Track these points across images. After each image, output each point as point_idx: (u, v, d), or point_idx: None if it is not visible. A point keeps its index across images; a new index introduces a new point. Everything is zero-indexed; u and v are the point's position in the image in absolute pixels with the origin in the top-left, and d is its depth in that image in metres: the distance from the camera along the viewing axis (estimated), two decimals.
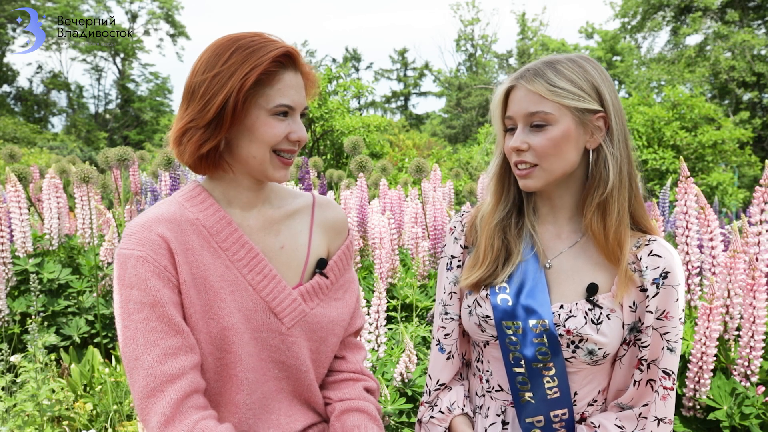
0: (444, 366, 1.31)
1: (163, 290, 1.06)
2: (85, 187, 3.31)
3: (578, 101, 1.13)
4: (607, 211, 1.15)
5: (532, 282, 1.19)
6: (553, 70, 1.14)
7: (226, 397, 1.14)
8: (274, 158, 1.13)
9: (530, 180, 1.16)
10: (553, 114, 1.13)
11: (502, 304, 1.19)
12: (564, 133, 1.13)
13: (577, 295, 1.17)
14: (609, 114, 1.16)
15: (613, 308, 1.15)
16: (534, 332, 1.15)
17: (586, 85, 1.15)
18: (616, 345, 1.15)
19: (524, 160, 1.16)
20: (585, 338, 1.13)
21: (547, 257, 1.22)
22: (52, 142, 19.61)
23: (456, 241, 1.32)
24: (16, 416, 2.07)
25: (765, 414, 1.73)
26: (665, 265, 1.13)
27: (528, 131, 1.15)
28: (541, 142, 1.13)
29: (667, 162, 13.99)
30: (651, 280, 1.14)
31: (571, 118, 1.13)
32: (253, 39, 1.10)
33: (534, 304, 1.16)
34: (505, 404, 1.23)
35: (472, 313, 1.24)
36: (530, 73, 1.16)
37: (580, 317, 1.14)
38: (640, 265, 1.15)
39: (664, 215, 4.03)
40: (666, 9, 22.70)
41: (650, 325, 1.14)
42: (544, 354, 1.15)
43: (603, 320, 1.14)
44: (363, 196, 3.68)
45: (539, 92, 1.13)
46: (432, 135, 25.76)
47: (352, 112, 13.47)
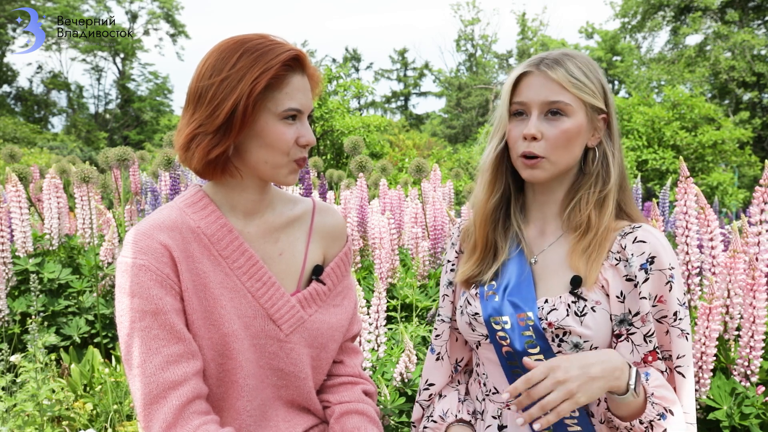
0: (433, 366, 1.32)
1: (165, 298, 1.05)
2: (85, 187, 3.31)
3: (593, 97, 1.14)
4: (604, 206, 1.16)
5: (518, 278, 1.19)
6: (572, 62, 1.14)
7: (228, 403, 1.14)
8: (290, 164, 1.12)
9: (538, 171, 1.15)
10: (572, 106, 1.13)
11: (489, 301, 1.19)
12: (578, 126, 1.14)
13: (562, 289, 1.16)
14: (611, 113, 1.18)
15: (599, 300, 1.13)
16: (521, 326, 1.15)
17: (596, 83, 1.15)
18: (605, 338, 1.14)
19: (533, 151, 1.14)
20: (568, 331, 1.12)
21: (533, 253, 1.22)
22: (52, 142, 19.61)
23: (452, 247, 1.34)
24: (16, 416, 2.07)
25: (765, 414, 1.73)
26: (650, 250, 1.11)
27: (542, 120, 1.14)
28: (555, 133, 1.13)
29: (667, 162, 14.00)
30: (638, 266, 1.11)
31: (584, 113, 1.14)
32: (260, 41, 1.08)
33: (519, 300, 1.17)
34: (501, 407, 1.22)
35: (463, 312, 1.25)
36: (551, 61, 1.14)
37: (561, 310, 1.13)
38: (625, 253, 1.13)
39: (664, 215, 4.03)
40: (666, 9, 22.70)
41: (648, 312, 1.11)
42: (533, 346, 1.15)
43: (587, 312, 1.12)
44: (363, 196, 3.67)
45: (560, 81, 1.12)
46: (432, 135, 25.75)
47: (352, 112, 13.47)
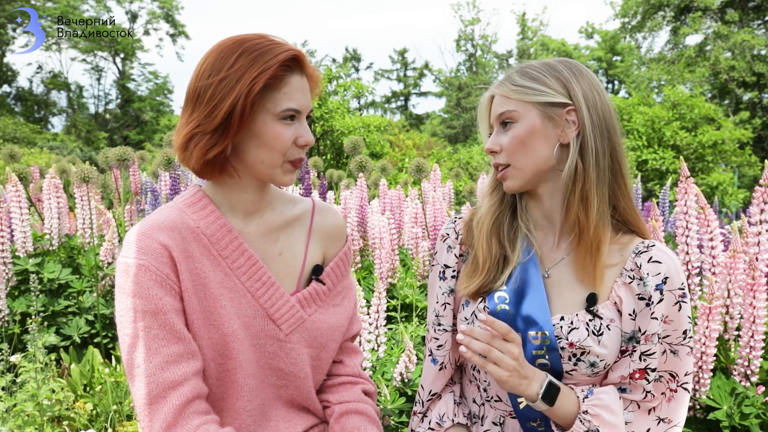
0: (436, 377, 1.28)
1: (165, 298, 1.05)
2: (85, 187, 3.31)
3: (540, 96, 1.14)
4: (588, 203, 1.12)
5: (532, 291, 1.16)
6: (519, 72, 1.18)
7: (228, 403, 1.14)
8: (286, 164, 1.12)
9: (507, 181, 1.18)
10: (517, 111, 1.15)
11: (501, 314, 1.16)
12: (529, 128, 1.14)
13: (577, 306, 1.15)
14: (579, 107, 1.13)
15: (613, 318, 1.13)
16: (533, 344, 1.13)
17: (551, 82, 1.15)
18: (615, 356, 1.14)
19: (498, 162, 1.19)
20: (587, 351, 1.11)
21: (545, 266, 1.20)
22: (52, 142, 19.60)
23: (450, 250, 1.27)
24: (16, 416, 2.07)
25: (765, 414, 1.73)
26: (665, 271, 1.12)
27: (501, 133, 1.18)
28: (507, 140, 1.16)
29: (667, 162, 14.00)
30: (654, 286, 1.11)
31: (536, 113, 1.14)
32: (258, 42, 1.08)
33: (534, 315, 1.14)
34: (503, 414, 1.21)
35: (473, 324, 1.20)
36: (500, 80, 1.21)
37: (582, 329, 1.12)
38: (641, 272, 1.13)
39: (664, 215, 4.04)
40: (666, 9, 22.70)
41: (656, 333, 1.11)
42: (543, 365, 1.13)
43: (604, 331, 1.12)
44: (363, 196, 3.67)
45: (504, 94, 1.17)
46: (432, 135, 25.74)
47: (352, 112, 13.47)
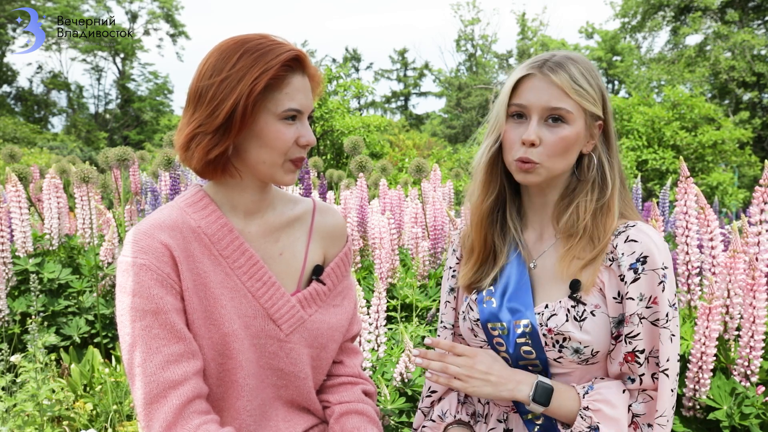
0: None
1: (165, 298, 1.05)
2: (85, 187, 3.31)
3: (593, 105, 1.12)
4: (608, 214, 1.13)
5: (516, 283, 1.18)
6: (575, 67, 1.11)
7: (228, 403, 1.14)
8: (287, 163, 1.12)
9: (532, 176, 1.13)
10: (573, 113, 1.10)
11: (488, 307, 1.19)
12: (577, 134, 1.12)
13: (561, 294, 1.15)
14: (608, 121, 1.15)
15: (597, 303, 1.12)
16: (517, 332, 1.14)
17: (596, 90, 1.13)
18: (605, 342, 1.12)
19: (530, 157, 1.11)
20: (567, 336, 1.11)
21: (532, 257, 1.21)
22: (52, 142, 19.60)
23: (453, 253, 1.34)
24: (16, 416, 2.07)
25: (765, 414, 1.72)
26: (642, 249, 1.08)
27: (542, 125, 1.11)
28: (554, 140, 1.10)
29: (667, 162, 13.99)
30: (627, 266, 1.09)
31: (584, 120, 1.12)
32: (260, 42, 1.08)
33: (518, 305, 1.16)
34: (507, 410, 1.22)
35: (465, 318, 1.24)
36: (554, 64, 1.10)
37: (561, 315, 1.12)
38: (616, 253, 1.11)
39: (664, 215, 4.03)
40: (666, 9, 22.69)
41: (635, 313, 1.08)
42: (528, 353, 1.14)
43: (587, 317, 1.11)
44: (363, 196, 3.67)
45: (563, 87, 1.09)
46: (432, 135, 25.75)
47: (352, 112, 13.48)
